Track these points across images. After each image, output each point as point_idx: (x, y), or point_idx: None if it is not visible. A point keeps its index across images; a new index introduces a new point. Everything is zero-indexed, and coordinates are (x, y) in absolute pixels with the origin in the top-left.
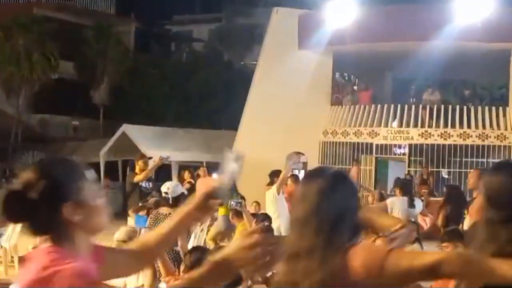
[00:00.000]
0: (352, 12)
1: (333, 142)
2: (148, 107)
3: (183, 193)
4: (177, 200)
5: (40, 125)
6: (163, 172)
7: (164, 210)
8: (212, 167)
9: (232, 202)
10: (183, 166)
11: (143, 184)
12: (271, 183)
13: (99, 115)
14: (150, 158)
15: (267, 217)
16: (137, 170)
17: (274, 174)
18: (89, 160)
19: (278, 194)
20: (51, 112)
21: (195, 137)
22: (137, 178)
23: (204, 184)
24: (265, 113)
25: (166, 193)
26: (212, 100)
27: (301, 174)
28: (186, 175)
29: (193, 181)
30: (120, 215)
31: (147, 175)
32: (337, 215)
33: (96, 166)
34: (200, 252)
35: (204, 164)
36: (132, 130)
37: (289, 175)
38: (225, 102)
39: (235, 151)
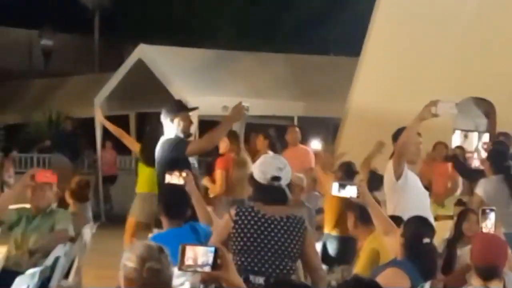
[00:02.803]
0: None
1: None
2: (185, 14)
3: None
4: None
5: None
6: None
7: None
8: (310, 127)
9: (338, 186)
10: (253, 125)
11: (190, 160)
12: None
13: (92, 29)
14: (195, 108)
15: (423, 225)
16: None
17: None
18: (74, 113)
19: (398, 178)
20: (2, 23)
21: (275, 68)
22: (192, 148)
23: (295, 158)
24: (412, 25)
25: None
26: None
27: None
28: (260, 142)
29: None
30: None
31: (210, 143)
32: None
33: (87, 126)
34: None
35: (296, 121)
36: (155, 56)
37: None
38: (334, 3)
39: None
